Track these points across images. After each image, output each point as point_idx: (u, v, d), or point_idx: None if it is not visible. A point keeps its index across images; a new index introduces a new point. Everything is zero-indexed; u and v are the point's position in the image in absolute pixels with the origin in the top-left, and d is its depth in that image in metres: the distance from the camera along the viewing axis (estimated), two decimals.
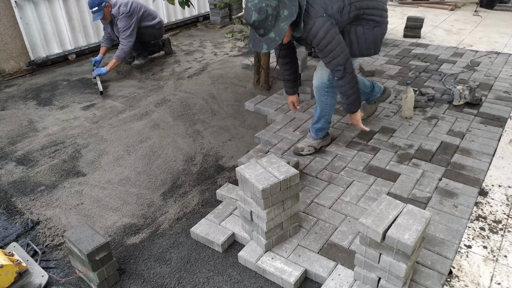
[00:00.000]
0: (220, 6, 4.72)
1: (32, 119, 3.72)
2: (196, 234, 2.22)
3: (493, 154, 2.80)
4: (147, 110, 3.79)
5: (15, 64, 4.85)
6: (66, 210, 2.51)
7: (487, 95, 3.70)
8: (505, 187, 2.48)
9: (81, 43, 5.37)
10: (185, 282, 1.97)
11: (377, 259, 1.70)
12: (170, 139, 3.26)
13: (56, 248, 2.23)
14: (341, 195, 2.45)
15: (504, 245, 2.06)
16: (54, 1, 4.93)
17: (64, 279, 2.01)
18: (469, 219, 2.22)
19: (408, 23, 5.63)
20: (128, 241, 2.25)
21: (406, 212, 1.70)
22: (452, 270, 1.91)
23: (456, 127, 3.17)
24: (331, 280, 1.87)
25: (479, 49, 5.01)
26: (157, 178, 2.79)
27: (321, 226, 2.20)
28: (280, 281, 1.91)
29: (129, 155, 3.07)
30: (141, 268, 2.07)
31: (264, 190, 1.82)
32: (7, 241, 2.28)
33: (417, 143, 2.96)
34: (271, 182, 1.85)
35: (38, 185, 2.76)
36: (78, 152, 3.13)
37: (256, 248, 2.07)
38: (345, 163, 2.76)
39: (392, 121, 3.31)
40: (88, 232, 1.90)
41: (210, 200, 2.56)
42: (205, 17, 7.09)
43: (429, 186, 2.49)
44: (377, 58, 4.82)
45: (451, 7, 7.29)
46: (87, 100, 4.08)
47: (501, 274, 1.89)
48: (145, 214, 2.45)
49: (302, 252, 2.03)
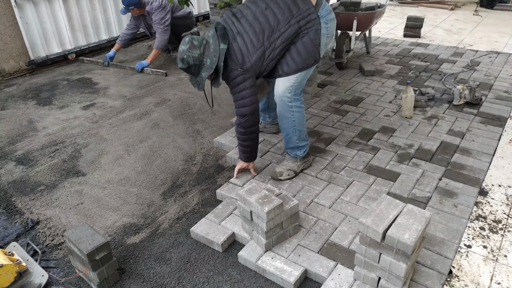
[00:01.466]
0: (220, 6, 4.73)
1: (32, 118, 3.72)
2: (196, 234, 2.22)
3: (493, 154, 2.80)
4: (147, 109, 3.79)
5: (15, 63, 4.85)
6: (66, 209, 2.51)
7: (487, 94, 3.70)
8: (505, 187, 2.48)
9: (81, 43, 5.37)
10: (185, 281, 1.97)
11: (377, 258, 1.70)
12: (170, 139, 3.26)
13: (56, 247, 2.23)
14: (341, 195, 2.45)
15: (504, 245, 2.06)
16: (54, 1, 4.93)
17: (64, 278, 2.01)
18: (469, 219, 2.22)
19: (408, 22, 5.64)
20: (128, 241, 2.25)
21: (406, 211, 1.70)
22: (452, 270, 1.91)
23: (456, 126, 3.17)
24: (331, 280, 1.87)
25: (479, 49, 5.02)
26: (157, 177, 2.79)
27: (321, 226, 2.20)
28: (280, 281, 1.91)
29: (129, 154, 3.07)
30: (141, 268, 2.07)
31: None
32: (7, 240, 2.28)
33: (417, 143, 2.96)
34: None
35: (38, 185, 2.76)
36: (78, 152, 3.13)
37: (256, 248, 2.07)
38: (345, 163, 2.76)
39: (392, 121, 3.31)
40: (88, 231, 1.90)
41: (210, 200, 2.56)
42: (205, 16, 7.09)
43: (429, 186, 2.49)
44: (377, 57, 4.82)
45: (451, 7, 7.29)
46: (87, 99, 4.08)
47: (501, 274, 1.89)
48: (145, 214, 2.45)
49: (302, 252, 2.03)
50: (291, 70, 2.38)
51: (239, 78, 2.30)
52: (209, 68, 2.28)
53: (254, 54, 2.28)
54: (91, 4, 5.34)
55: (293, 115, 2.48)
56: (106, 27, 5.62)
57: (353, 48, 4.35)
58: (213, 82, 2.36)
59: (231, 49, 2.28)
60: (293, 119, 2.49)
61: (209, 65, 2.27)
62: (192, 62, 2.27)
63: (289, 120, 2.49)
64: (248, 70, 2.30)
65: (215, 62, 2.25)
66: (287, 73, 2.39)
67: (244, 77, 2.30)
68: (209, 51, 2.27)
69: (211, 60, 2.26)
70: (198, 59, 2.27)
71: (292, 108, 2.46)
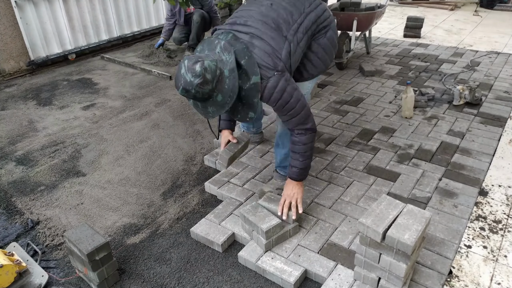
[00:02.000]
0: (220, 6, 4.74)
1: (32, 119, 3.72)
2: (196, 234, 2.22)
3: (493, 154, 2.80)
4: (147, 110, 3.79)
5: (15, 64, 4.85)
6: (66, 210, 2.51)
7: (487, 95, 3.70)
8: (505, 187, 2.48)
9: (81, 43, 5.37)
10: (185, 282, 1.97)
11: (377, 259, 1.70)
12: (170, 139, 3.26)
13: (56, 248, 2.23)
14: (341, 195, 2.45)
15: (504, 245, 2.06)
16: (54, 1, 4.93)
17: (64, 279, 2.01)
18: (469, 219, 2.22)
19: (408, 23, 5.64)
20: (128, 241, 2.25)
21: (406, 212, 1.70)
22: (452, 270, 1.91)
23: (456, 127, 3.17)
24: (331, 280, 1.87)
25: (479, 49, 5.02)
26: (157, 178, 2.79)
27: (321, 226, 2.20)
28: (280, 281, 1.91)
29: (129, 155, 3.07)
30: (141, 268, 2.07)
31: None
32: (7, 241, 2.28)
33: (417, 143, 2.96)
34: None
35: (38, 185, 2.76)
36: (78, 152, 3.13)
37: (256, 248, 2.07)
38: (345, 163, 2.76)
39: (392, 121, 3.31)
40: (88, 232, 1.90)
41: (210, 200, 2.56)
42: None
43: (429, 186, 2.49)
44: (377, 58, 4.82)
45: (451, 7, 7.29)
46: (87, 100, 4.08)
47: (501, 274, 1.89)
48: (145, 214, 2.45)
49: (302, 252, 2.03)
50: (316, 70, 2.13)
51: (281, 83, 1.86)
52: (219, 106, 1.83)
53: (282, 50, 1.88)
54: (91, 4, 5.34)
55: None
56: (106, 28, 5.61)
57: (353, 48, 4.35)
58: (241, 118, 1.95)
59: (255, 58, 1.84)
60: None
61: (220, 102, 1.82)
62: (200, 96, 1.80)
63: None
64: (284, 70, 1.88)
65: (229, 103, 1.82)
66: (313, 75, 2.15)
67: (285, 79, 1.88)
68: (223, 85, 1.80)
69: (224, 98, 1.81)
70: (208, 93, 1.79)
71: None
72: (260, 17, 1.94)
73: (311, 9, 2.03)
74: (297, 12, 1.99)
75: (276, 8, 1.98)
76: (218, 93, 1.81)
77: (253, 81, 1.83)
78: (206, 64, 1.74)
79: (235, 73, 1.79)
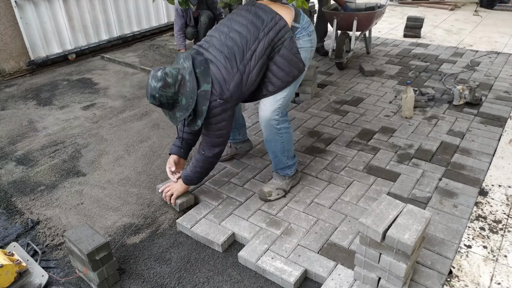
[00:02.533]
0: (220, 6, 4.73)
1: (32, 119, 3.72)
2: (196, 234, 2.22)
3: (493, 154, 2.80)
4: (147, 110, 3.79)
5: (15, 64, 4.86)
6: (66, 210, 2.51)
7: (487, 95, 3.70)
8: (505, 187, 2.48)
9: (81, 43, 5.38)
10: (185, 282, 1.97)
11: (377, 259, 1.70)
12: (170, 139, 3.26)
13: (56, 248, 2.23)
14: (341, 195, 2.45)
15: (504, 245, 2.06)
16: (54, 1, 4.94)
17: (64, 279, 2.01)
18: (469, 219, 2.22)
19: (408, 23, 5.63)
20: (128, 241, 2.25)
21: (406, 212, 1.70)
22: (452, 270, 1.91)
23: (456, 127, 3.17)
24: (331, 280, 1.87)
25: (479, 49, 5.02)
26: (157, 178, 2.79)
27: (321, 226, 2.20)
28: (280, 281, 1.91)
29: (129, 155, 3.07)
30: (141, 268, 2.07)
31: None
32: (7, 241, 2.28)
33: (417, 143, 2.96)
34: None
35: (38, 185, 2.76)
36: (78, 152, 3.13)
37: (256, 248, 2.07)
38: (345, 163, 2.76)
39: (392, 121, 3.31)
40: (88, 232, 1.90)
41: None
42: None
43: (429, 186, 2.49)
44: (377, 58, 4.82)
45: (451, 7, 7.29)
46: (87, 100, 4.08)
47: (501, 274, 1.89)
48: (145, 214, 2.45)
49: (302, 252, 2.03)
50: (276, 88, 2.21)
51: (217, 109, 2.07)
52: (184, 109, 2.03)
53: (232, 82, 2.05)
54: (91, 4, 5.34)
55: (282, 137, 2.32)
56: (106, 27, 5.62)
57: (353, 48, 4.35)
58: (190, 124, 2.13)
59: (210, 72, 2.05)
60: (281, 141, 2.33)
61: (185, 105, 2.02)
62: (165, 101, 2.01)
63: (278, 143, 2.34)
64: (228, 100, 2.07)
65: (191, 104, 2.00)
66: (273, 92, 2.23)
67: (223, 109, 2.08)
68: (185, 89, 2.01)
69: (187, 100, 2.01)
70: (172, 97, 2.00)
71: (280, 130, 2.30)
72: (218, 45, 2.11)
73: (265, 33, 2.11)
74: (252, 38, 2.11)
75: (233, 36, 2.12)
76: (182, 97, 2.02)
77: (203, 88, 2.02)
78: (167, 70, 1.98)
79: (193, 76, 2.00)
